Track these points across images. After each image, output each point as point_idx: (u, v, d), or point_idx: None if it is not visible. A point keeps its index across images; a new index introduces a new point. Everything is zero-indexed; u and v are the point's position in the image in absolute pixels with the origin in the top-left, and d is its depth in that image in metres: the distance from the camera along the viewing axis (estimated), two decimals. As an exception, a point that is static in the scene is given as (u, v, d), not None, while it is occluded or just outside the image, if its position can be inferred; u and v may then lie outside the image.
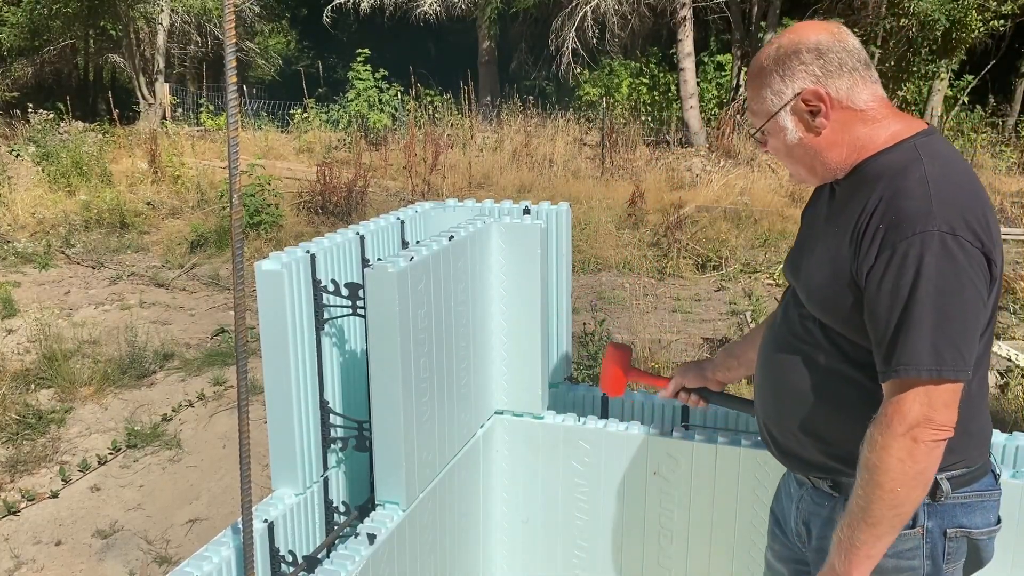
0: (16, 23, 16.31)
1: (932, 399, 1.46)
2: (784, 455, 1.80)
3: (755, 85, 1.66)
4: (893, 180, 1.53)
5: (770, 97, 1.63)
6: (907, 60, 11.89)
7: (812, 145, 1.63)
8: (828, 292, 1.60)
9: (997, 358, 5.53)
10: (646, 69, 16.91)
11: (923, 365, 1.45)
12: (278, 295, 2.00)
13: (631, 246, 8.59)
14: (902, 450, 1.46)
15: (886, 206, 1.50)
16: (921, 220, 1.45)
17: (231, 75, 1.53)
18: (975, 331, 1.49)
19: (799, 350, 1.70)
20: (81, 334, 6.27)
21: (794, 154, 1.66)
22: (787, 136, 1.64)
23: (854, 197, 1.60)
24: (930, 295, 1.44)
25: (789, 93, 1.61)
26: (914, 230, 1.45)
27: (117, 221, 9.39)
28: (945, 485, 1.60)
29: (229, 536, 1.94)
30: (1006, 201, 10.18)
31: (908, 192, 1.50)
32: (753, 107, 1.69)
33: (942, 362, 1.45)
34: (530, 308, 2.48)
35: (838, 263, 1.58)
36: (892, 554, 1.60)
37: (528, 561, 2.65)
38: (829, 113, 1.60)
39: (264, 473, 3.79)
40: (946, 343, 1.45)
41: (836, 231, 1.61)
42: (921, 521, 1.62)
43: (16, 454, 4.71)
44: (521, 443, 2.58)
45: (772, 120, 1.64)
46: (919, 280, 1.44)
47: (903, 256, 1.45)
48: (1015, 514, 2.13)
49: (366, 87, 13.87)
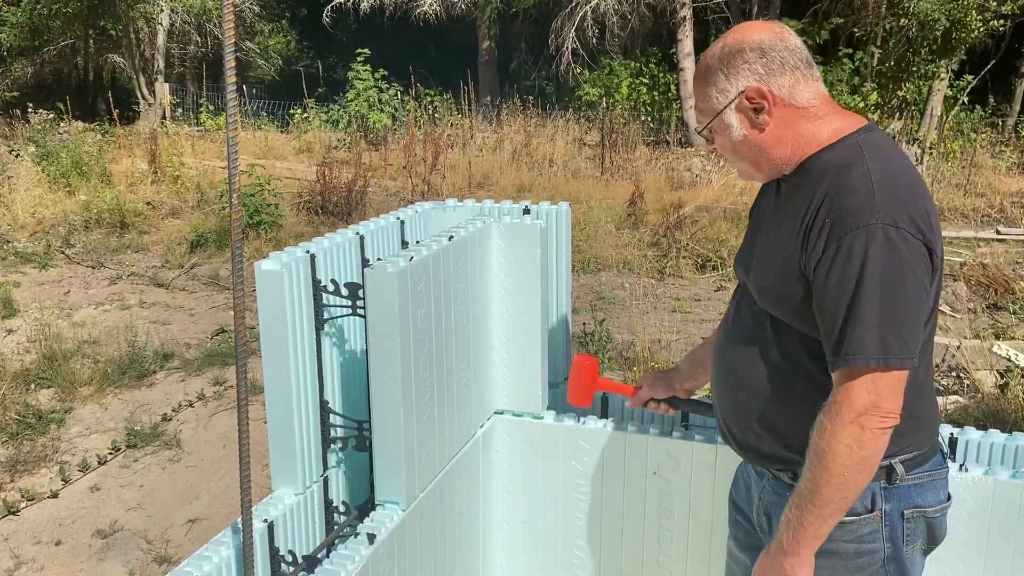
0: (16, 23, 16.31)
1: (879, 387, 1.51)
2: (744, 450, 1.84)
3: (701, 84, 1.70)
4: (837, 176, 1.58)
5: (715, 95, 1.67)
6: (907, 60, 11.87)
7: (757, 142, 1.67)
8: (778, 287, 1.64)
9: (997, 358, 5.54)
10: (646, 69, 16.91)
11: (870, 354, 1.49)
12: (278, 295, 2.00)
13: (631, 246, 8.59)
14: (850, 436, 1.51)
15: (831, 201, 1.55)
16: (864, 214, 1.50)
17: (231, 75, 1.53)
18: (919, 320, 1.55)
19: (753, 346, 1.73)
20: (81, 334, 6.27)
21: (740, 151, 1.70)
22: (732, 133, 1.68)
23: (799, 193, 1.64)
24: (875, 286, 1.49)
25: (733, 91, 1.65)
26: (858, 224, 1.50)
27: (117, 221, 9.39)
28: (899, 468, 1.65)
29: (229, 536, 1.94)
30: (1006, 201, 10.17)
31: (852, 188, 1.55)
32: (700, 105, 1.73)
33: (888, 351, 1.50)
34: (530, 308, 2.48)
35: (786, 258, 1.62)
36: (853, 538, 1.67)
37: (528, 561, 2.65)
38: (772, 110, 1.64)
39: (264, 473, 3.79)
40: (892, 333, 1.50)
41: (783, 227, 1.65)
42: (879, 505, 1.66)
43: (16, 454, 4.71)
44: (521, 443, 2.58)
45: (718, 118, 1.68)
46: (864, 272, 1.49)
47: (848, 249, 1.50)
48: (1015, 514, 2.13)
49: (366, 87, 13.87)
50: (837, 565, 1.69)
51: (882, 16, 13.00)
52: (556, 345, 2.74)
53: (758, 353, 1.72)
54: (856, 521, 1.66)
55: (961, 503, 2.16)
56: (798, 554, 1.61)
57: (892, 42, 12.26)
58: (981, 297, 7.00)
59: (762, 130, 1.66)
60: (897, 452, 1.65)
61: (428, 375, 2.14)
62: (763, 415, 1.73)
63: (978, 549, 2.17)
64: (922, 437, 1.70)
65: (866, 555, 1.68)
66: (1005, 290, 6.92)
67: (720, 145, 1.74)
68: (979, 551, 2.17)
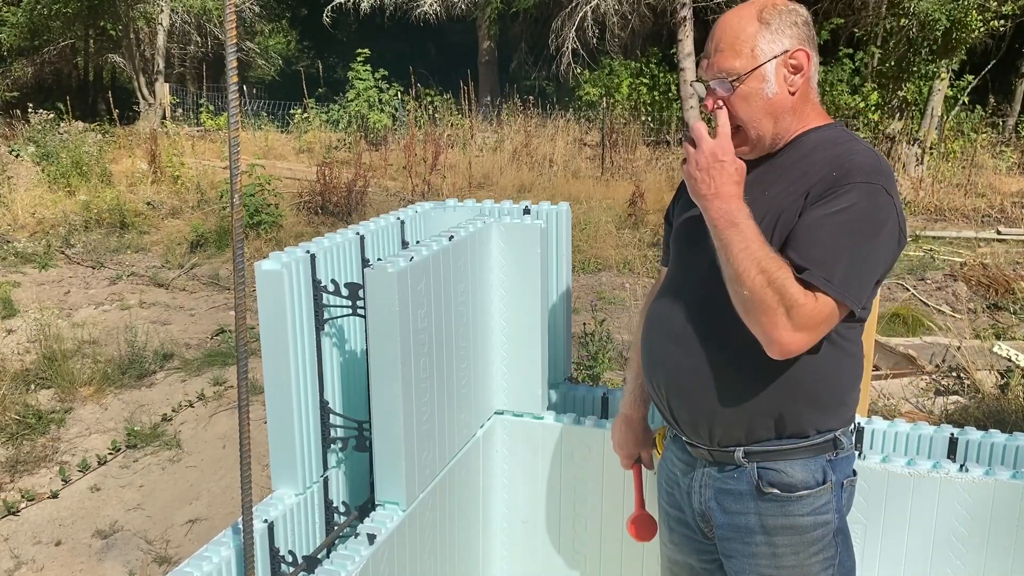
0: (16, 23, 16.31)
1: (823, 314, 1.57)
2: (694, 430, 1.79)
3: (745, 32, 1.67)
4: (836, 145, 1.68)
5: (762, 46, 1.67)
6: (907, 60, 11.87)
7: (782, 104, 1.69)
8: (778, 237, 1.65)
9: (997, 358, 5.53)
10: (646, 69, 16.90)
11: (832, 282, 1.56)
12: (278, 295, 2.00)
13: (631, 246, 8.59)
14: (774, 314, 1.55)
15: (838, 160, 1.63)
16: (870, 173, 1.60)
17: (232, 75, 1.53)
18: (877, 280, 1.65)
19: (713, 322, 1.71)
20: (81, 334, 6.27)
21: (767, 108, 1.69)
22: (766, 89, 1.68)
23: (791, 164, 1.70)
24: (856, 232, 1.58)
25: (782, 46, 1.67)
26: (861, 178, 1.59)
27: (117, 221, 9.39)
28: (844, 439, 1.74)
29: (229, 536, 1.94)
30: (1006, 201, 10.17)
31: (860, 152, 1.65)
32: (737, 51, 1.67)
33: (846, 288, 1.57)
34: (530, 308, 2.48)
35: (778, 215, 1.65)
36: (809, 511, 1.72)
37: (528, 561, 2.65)
38: (804, 77, 1.70)
39: (264, 473, 3.79)
40: (855, 275, 1.58)
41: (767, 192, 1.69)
42: (829, 476, 1.73)
43: (16, 454, 4.71)
44: (521, 443, 2.58)
45: (759, 69, 1.67)
46: (850, 215, 1.57)
47: (844, 193, 1.59)
48: (1015, 514, 2.13)
49: (366, 87, 13.87)
50: (796, 541, 1.72)
51: (882, 16, 12.99)
52: (556, 345, 2.74)
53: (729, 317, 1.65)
54: (812, 494, 1.71)
55: (961, 503, 2.16)
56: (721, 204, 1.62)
57: (892, 42, 12.25)
58: (981, 297, 7.00)
59: (791, 93, 1.69)
60: (841, 424, 1.74)
61: (428, 375, 2.14)
62: (731, 382, 1.71)
63: (978, 549, 2.17)
64: (856, 410, 1.80)
65: (821, 527, 1.72)
66: (1005, 290, 6.92)
67: (741, 97, 1.68)
68: (979, 551, 2.17)
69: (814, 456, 1.72)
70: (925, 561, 2.21)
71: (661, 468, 2.00)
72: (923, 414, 4.95)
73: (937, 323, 6.54)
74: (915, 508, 2.20)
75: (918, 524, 2.20)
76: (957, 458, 2.32)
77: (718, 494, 1.78)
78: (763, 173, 1.73)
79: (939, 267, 7.83)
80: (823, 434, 1.72)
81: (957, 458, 2.32)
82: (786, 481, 1.71)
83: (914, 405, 5.10)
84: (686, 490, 1.86)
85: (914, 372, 5.43)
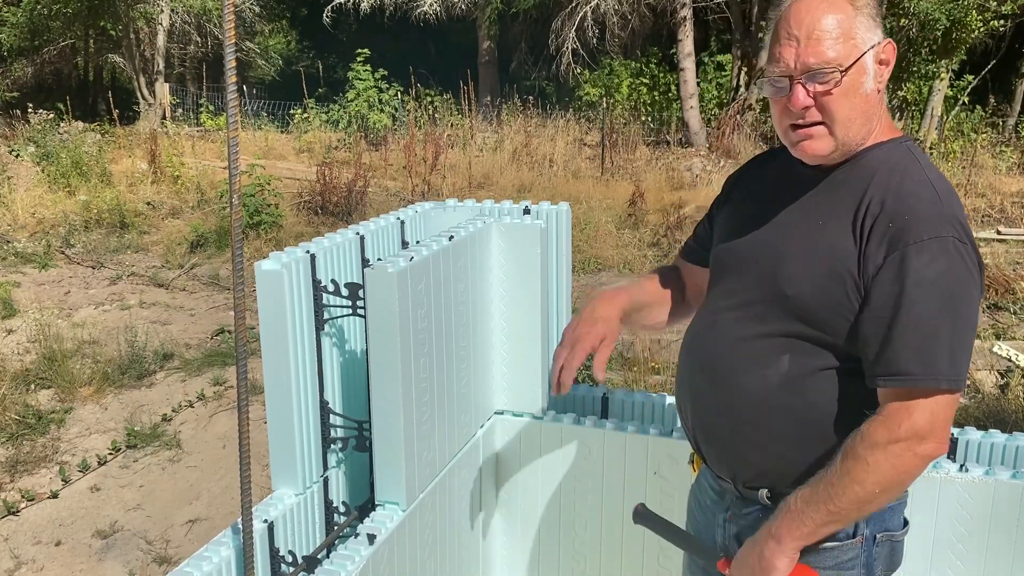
0: (16, 23, 16.30)
1: (941, 411, 1.41)
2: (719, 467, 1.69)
3: (844, 19, 1.47)
4: (893, 176, 1.47)
5: (862, 34, 1.48)
6: (907, 60, 11.87)
7: (873, 101, 1.51)
8: (823, 288, 1.49)
9: (997, 358, 5.53)
10: (646, 69, 16.91)
11: (942, 375, 1.39)
12: (278, 295, 2.00)
13: (631, 246, 8.59)
14: (896, 456, 1.41)
15: (894, 203, 1.44)
16: (934, 225, 1.40)
17: (231, 75, 1.53)
18: (973, 343, 1.46)
19: (758, 348, 1.57)
20: (81, 334, 6.27)
21: (864, 106, 1.50)
22: (866, 82, 1.49)
23: (845, 188, 1.51)
24: (949, 302, 1.39)
25: (877, 37, 1.50)
26: (927, 234, 1.39)
27: (117, 221, 9.39)
28: None
29: (229, 536, 1.94)
30: (1006, 201, 10.17)
31: (915, 194, 1.44)
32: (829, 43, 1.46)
33: (959, 373, 1.40)
34: (530, 308, 2.48)
35: (836, 260, 1.47)
36: (832, 565, 1.57)
37: (528, 561, 2.65)
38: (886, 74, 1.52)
39: (264, 473, 3.79)
40: (962, 354, 1.41)
41: (825, 223, 1.50)
42: (861, 530, 1.58)
43: (16, 454, 4.71)
44: (521, 443, 2.58)
45: (862, 60, 1.47)
46: (938, 286, 1.39)
47: (915, 259, 1.39)
48: (1015, 514, 2.13)
49: (366, 87, 13.87)
50: None
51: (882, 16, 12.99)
52: (556, 345, 2.73)
53: (764, 357, 1.56)
54: (839, 547, 1.56)
55: (961, 503, 2.15)
56: (783, 543, 1.50)
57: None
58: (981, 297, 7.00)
59: (878, 90, 1.51)
60: None
61: (428, 375, 2.14)
62: (759, 426, 1.58)
63: (978, 549, 2.17)
64: None
65: None
66: (1005, 290, 6.92)
67: (843, 91, 1.47)
68: (979, 551, 2.17)
69: None
70: (925, 561, 2.21)
71: (693, 492, 1.89)
72: (923, 414, 4.94)
73: (937, 323, 6.53)
74: (915, 508, 2.19)
75: (918, 524, 2.20)
76: (957, 458, 2.32)
77: (742, 531, 1.67)
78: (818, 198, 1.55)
79: (939, 267, 7.82)
80: None
81: (957, 458, 2.32)
82: None
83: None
84: (712, 522, 1.77)
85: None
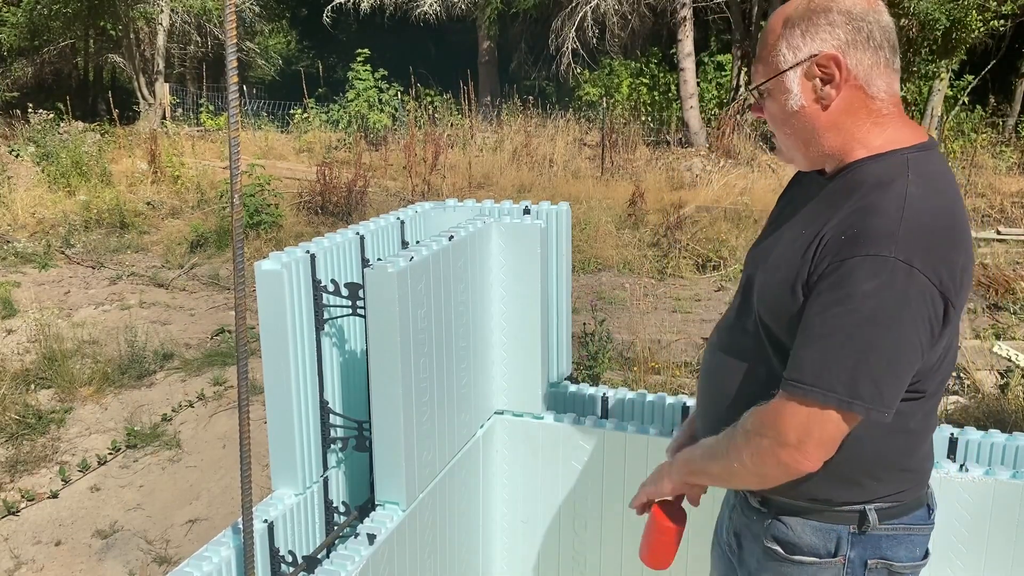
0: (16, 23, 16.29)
1: (813, 428, 1.36)
2: None
3: (772, 35, 1.47)
4: (871, 192, 1.39)
5: (784, 51, 1.44)
6: (907, 60, 11.87)
7: (812, 119, 1.45)
8: (776, 296, 1.46)
9: (997, 358, 5.53)
10: (646, 69, 16.90)
11: (833, 391, 1.33)
12: (278, 295, 2.00)
13: (631, 246, 8.59)
14: (757, 450, 1.43)
15: (857, 216, 1.37)
16: (881, 241, 1.31)
17: (232, 75, 1.53)
18: (902, 373, 1.36)
19: (742, 356, 1.58)
20: (81, 334, 6.27)
21: (791, 124, 1.48)
22: (789, 100, 1.46)
23: (832, 202, 1.45)
24: (863, 322, 1.31)
25: (806, 52, 1.43)
26: (869, 250, 1.31)
27: (117, 221, 9.39)
28: (872, 516, 1.51)
29: (229, 536, 1.94)
30: (1006, 201, 10.17)
31: (879, 209, 1.35)
32: (761, 57, 1.49)
33: (856, 394, 1.33)
34: (530, 308, 2.48)
35: (791, 268, 1.43)
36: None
37: (528, 561, 2.65)
38: (841, 86, 1.42)
39: (264, 473, 3.79)
40: (865, 376, 1.32)
41: (804, 233, 1.46)
42: (844, 551, 1.53)
43: (16, 454, 4.71)
44: (521, 443, 2.58)
45: (778, 78, 1.46)
46: (854, 301, 1.31)
47: (849, 273, 1.32)
48: (1015, 514, 2.13)
49: (366, 87, 13.87)
50: None
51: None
52: (556, 345, 2.74)
53: (745, 363, 1.56)
54: (816, 564, 1.53)
55: (961, 503, 2.16)
56: (673, 468, 1.67)
57: (892, 42, 12.25)
58: (981, 297, 6.99)
59: (824, 107, 1.44)
60: (874, 499, 1.52)
61: (428, 375, 2.14)
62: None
63: (978, 549, 2.17)
64: (907, 489, 1.55)
65: None
66: (1005, 290, 6.92)
67: (769, 113, 1.51)
68: (979, 551, 2.17)
69: (834, 524, 1.52)
70: (925, 561, 2.21)
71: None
72: (923, 414, 4.94)
73: (937, 323, 6.53)
74: (915, 508, 2.20)
75: (918, 524, 2.20)
76: (957, 458, 2.32)
77: (739, 529, 1.69)
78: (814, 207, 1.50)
79: (939, 267, 7.82)
80: (849, 504, 1.51)
81: (957, 458, 2.32)
82: (791, 540, 1.55)
83: (914, 405, 5.09)
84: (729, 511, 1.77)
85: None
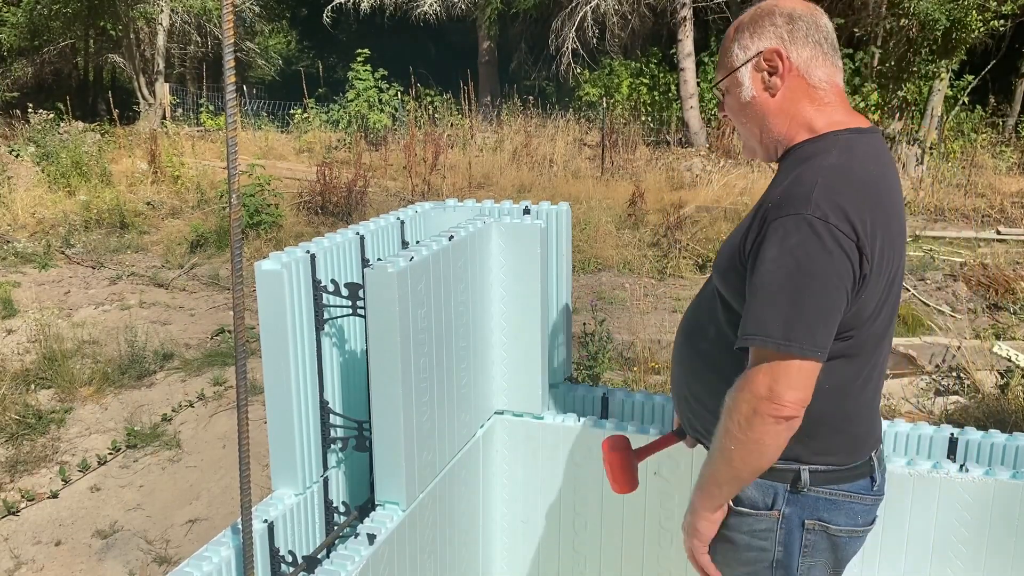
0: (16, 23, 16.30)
1: (776, 373, 1.49)
2: (689, 426, 1.88)
3: (727, 41, 1.73)
4: (800, 165, 1.60)
5: (736, 52, 1.69)
6: (907, 60, 11.87)
7: (763, 106, 1.68)
8: (725, 266, 1.66)
9: (997, 358, 5.53)
10: (646, 69, 16.90)
11: (771, 336, 1.48)
12: (278, 295, 2.00)
13: (631, 246, 8.59)
14: (743, 417, 1.51)
15: (782, 188, 1.57)
16: (798, 203, 1.50)
17: (230, 75, 1.53)
18: (831, 317, 1.51)
19: (700, 321, 1.79)
20: (81, 334, 6.27)
21: (746, 113, 1.71)
22: (742, 93, 1.70)
23: (775, 181, 1.66)
24: (789, 272, 1.48)
25: (754, 50, 1.67)
26: (789, 211, 1.50)
27: (117, 221, 9.39)
28: (805, 476, 1.64)
29: (229, 536, 1.94)
30: (1006, 201, 10.17)
31: (801, 179, 1.55)
32: (721, 61, 1.75)
33: (790, 337, 1.47)
34: (530, 308, 2.48)
35: (739, 235, 1.64)
36: (746, 531, 1.68)
37: (528, 561, 2.65)
38: (785, 76, 1.65)
39: (264, 473, 3.79)
40: (799, 320, 1.48)
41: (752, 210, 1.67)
42: (779, 506, 1.65)
43: (16, 454, 4.71)
44: (521, 443, 2.58)
45: (733, 74, 1.70)
46: (781, 257, 1.49)
47: (772, 232, 1.51)
48: (1015, 514, 2.13)
49: (366, 87, 13.86)
50: (728, 551, 1.71)
51: (882, 16, 12.99)
52: (556, 345, 2.74)
53: (701, 328, 1.77)
54: (752, 515, 1.66)
55: (961, 503, 2.16)
56: (695, 511, 1.68)
57: (892, 42, 12.26)
58: (981, 297, 7.00)
59: (772, 95, 1.67)
60: (809, 460, 1.63)
61: (428, 375, 2.14)
62: (692, 388, 1.80)
63: (978, 549, 2.17)
64: (847, 453, 1.66)
65: (755, 551, 1.68)
66: (1005, 290, 6.92)
67: (728, 107, 1.75)
68: (979, 551, 2.17)
69: (772, 480, 1.64)
70: (925, 561, 2.21)
71: None
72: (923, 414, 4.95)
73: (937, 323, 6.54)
74: (915, 508, 2.20)
75: (918, 524, 2.20)
76: (957, 458, 2.32)
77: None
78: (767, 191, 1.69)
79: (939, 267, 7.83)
80: (786, 461, 1.61)
81: (957, 458, 2.32)
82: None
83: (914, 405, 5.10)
84: None
85: (914, 372, 5.43)
